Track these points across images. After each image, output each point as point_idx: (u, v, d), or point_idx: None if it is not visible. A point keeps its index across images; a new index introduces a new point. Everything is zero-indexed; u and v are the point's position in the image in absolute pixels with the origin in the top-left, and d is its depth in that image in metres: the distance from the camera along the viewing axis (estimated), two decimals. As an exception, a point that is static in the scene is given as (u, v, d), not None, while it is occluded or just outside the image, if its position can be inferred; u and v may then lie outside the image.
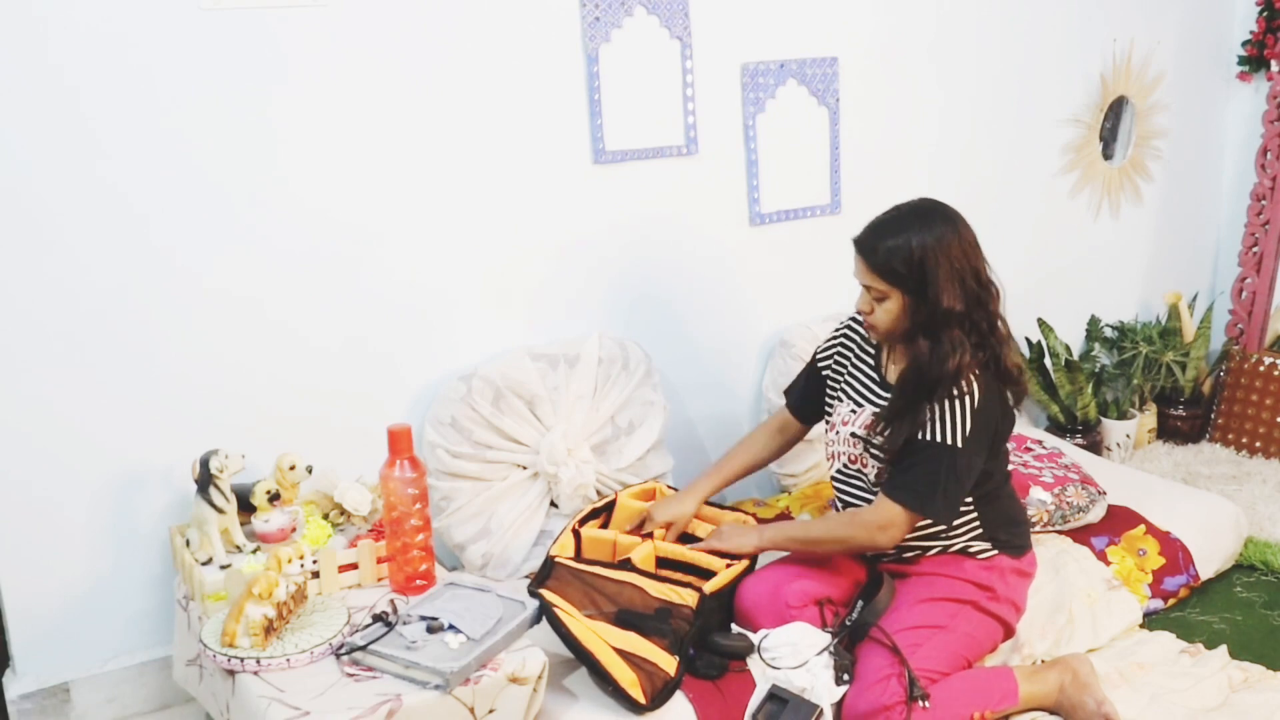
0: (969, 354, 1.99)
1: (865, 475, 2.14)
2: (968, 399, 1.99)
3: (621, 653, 1.92)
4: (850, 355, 2.25)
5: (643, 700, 1.87)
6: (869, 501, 2.14)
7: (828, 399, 2.26)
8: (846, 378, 2.23)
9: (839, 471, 2.22)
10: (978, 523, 2.11)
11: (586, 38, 2.48)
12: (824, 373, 2.29)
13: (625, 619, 2.00)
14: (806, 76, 2.80)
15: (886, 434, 2.05)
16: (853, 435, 2.15)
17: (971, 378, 1.99)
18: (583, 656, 1.90)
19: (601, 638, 1.93)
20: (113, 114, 2.06)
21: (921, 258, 1.97)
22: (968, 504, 2.10)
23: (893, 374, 2.14)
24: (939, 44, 3.02)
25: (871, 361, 2.20)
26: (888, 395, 2.11)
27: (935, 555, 2.12)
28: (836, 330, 2.30)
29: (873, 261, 2.01)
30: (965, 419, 1.98)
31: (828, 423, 2.25)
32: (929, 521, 2.08)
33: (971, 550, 2.11)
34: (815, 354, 2.33)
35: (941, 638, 2.02)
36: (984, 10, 3.08)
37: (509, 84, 2.42)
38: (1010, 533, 2.15)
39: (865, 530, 2.06)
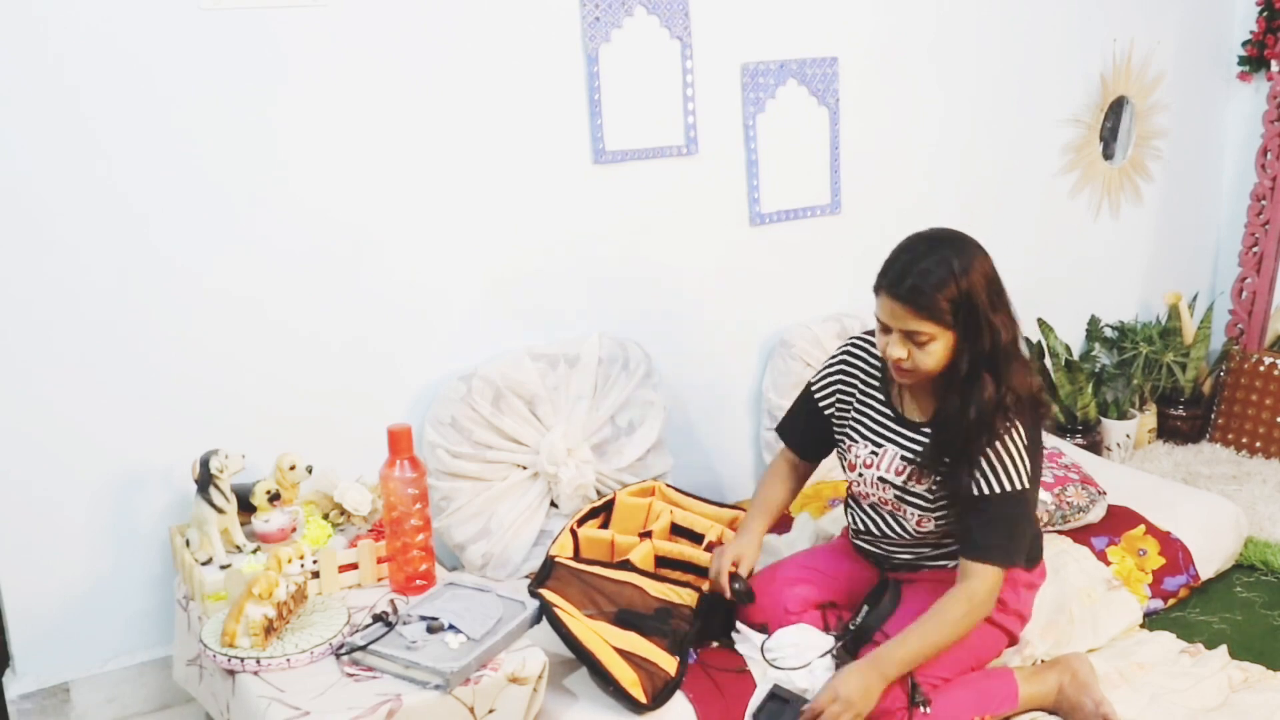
0: (1035, 375, 1.94)
1: (901, 519, 2.06)
2: (1018, 435, 1.90)
3: (622, 652, 1.92)
4: (855, 389, 2.12)
5: (644, 700, 1.87)
6: (897, 534, 2.07)
7: (838, 437, 2.15)
8: (856, 415, 2.12)
9: (870, 506, 2.11)
10: None
11: (586, 38, 2.48)
12: (825, 411, 2.16)
13: (625, 619, 2.00)
14: (806, 76, 2.80)
15: (938, 482, 1.96)
16: (881, 480, 2.05)
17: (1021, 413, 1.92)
18: (583, 656, 1.90)
19: (602, 638, 1.93)
20: (113, 114, 2.06)
21: (969, 293, 1.85)
22: None
23: (911, 409, 2.03)
24: (939, 44, 3.02)
25: (880, 396, 2.08)
26: (909, 433, 2.02)
27: (953, 569, 2.06)
28: (831, 362, 2.17)
29: (918, 306, 1.85)
30: (1023, 457, 1.91)
31: (845, 462, 2.13)
32: (940, 543, 2.06)
33: None
34: (811, 389, 2.19)
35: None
36: (984, 10, 3.08)
37: (509, 84, 2.42)
38: (1029, 545, 2.12)
39: (981, 610, 1.93)
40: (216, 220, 2.18)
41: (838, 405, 2.15)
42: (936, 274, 1.85)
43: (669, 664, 1.95)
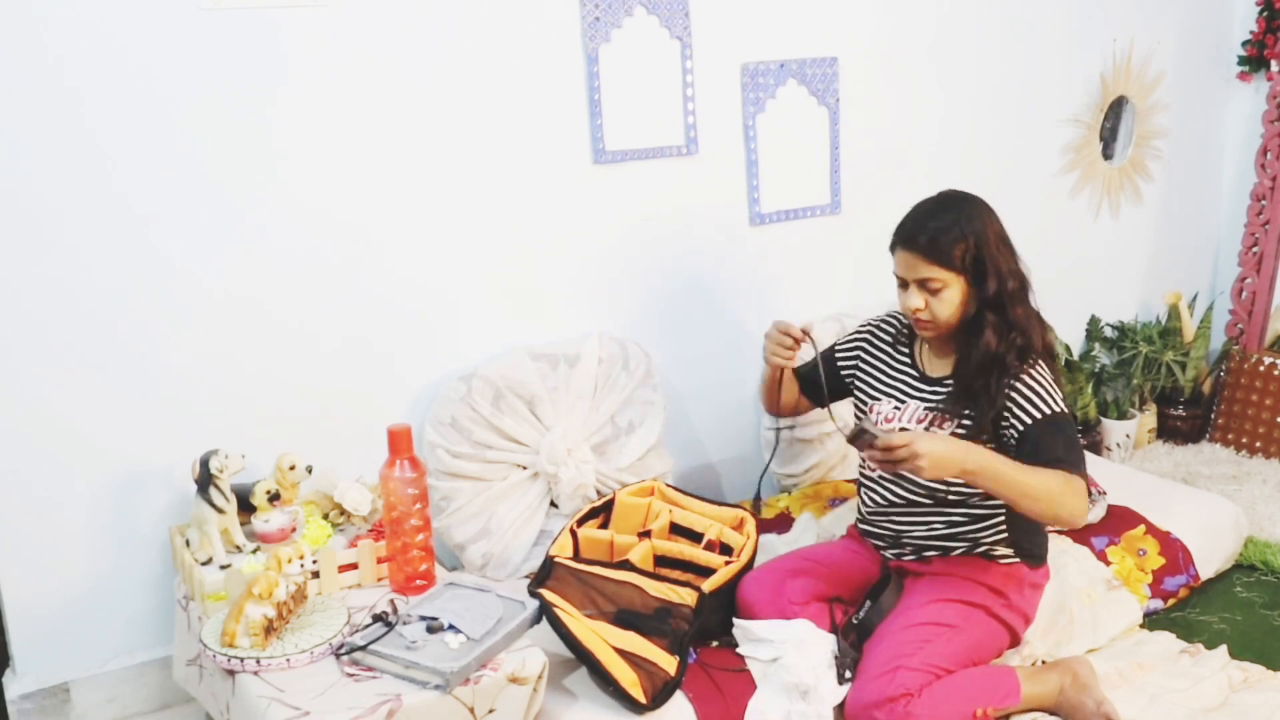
0: (1043, 322, 2.05)
1: (912, 478, 2.10)
2: (1041, 370, 2.02)
3: (621, 652, 1.92)
4: (882, 354, 2.25)
5: (643, 700, 1.87)
6: (912, 497, 2.13)
7: (859, 398, 2.27)
8: (879, 375, 2.23)
9: (882, 473, 2.16)
10: (1004, 526, 2.10)
11: (586, 38, 2.48)
12: (843, 370, 2.31)
13: (625, 619, 2.00)
14: (806, 76, 2.80)
15: (961, 425, 2.04)
16: (904, 430, 2.11)
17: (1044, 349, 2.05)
18: (583, 656, 1.90)
19: (602, 638, 1.93)
20: (113, 114, 2.06)
21: (977, 241, 2.01)
22: (997, 504, 2.08)
23: (934, 367, 2.15)
24: (939, 44, 3.02)
25: (906, 358, 2.21)
26: (933, 388, 2.12)
27: (958, 556, 2.12)
28: (859, 331, 2.32)
29: (932, 254, 2.01)
30: (1053, 387, 2.02)
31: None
32: (953, 518, 2.09)
33: (994, 554, 2.11)
34: (834, 348, 2.35)
35: (950, 636, 2.02)
36: (984, 10, 3.08)
37: (509, 84, 2.42)
38: (1033, 541, 2.14)
39: (1077, 494, 1.92)
40: (216, 220, 2.18)
41: (862, 365, 2.28)
42: (944, 223, 2.02)
43: (669, 664, 1.95)
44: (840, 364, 2.33)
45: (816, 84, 2.83)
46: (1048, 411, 1.99)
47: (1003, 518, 2.10)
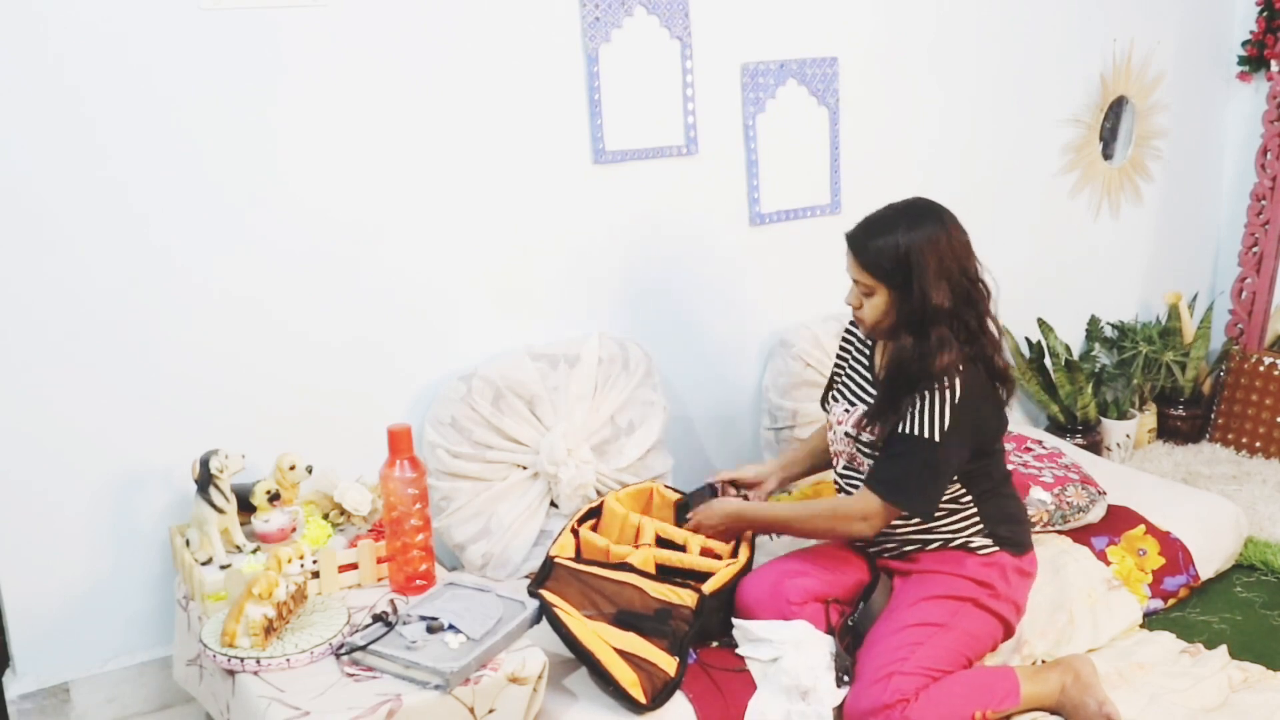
0: (955, 351, 2.01)
1: (862, 473, 2.15)
2: (948, 393, 2.00)
3: (621, 653, 1.92)
4: (850, 356, 2.30)
5: (643, 700, 1.87)
6: None
7: (833, 399, 2.30)
8: (845, 378, 2.28)
9: (842, 469, 2.24)
10: (978, 518, 2.12)
11: (586, 38, 2.48)
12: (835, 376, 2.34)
13: (625, 619, 2.00)
14: (806, 76, 2.80)
15: (873, 430, 2.08)
16: (846, 435, 2.18)
17: (954, 374, 2.01)
18: (583, 656, 1.90)
19: (601, 638, 1.93)
20: (113, 114, 2.06)
21: (908, 254, 2.00)
22: (966, 501, 2.10)
23: (883, 368, 2.17)
24: (939, 44, 3.02)
25: (866, 361, 2.24)
26: (875, 389, 2.16)
27: (935, 550, 2.13)
28: (848, 328, 2.33)
29: (862, 257, 2.05)
30: (944, 413, 2.00)
31: (829, 424, 2.27)
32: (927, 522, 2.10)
33: (972, 546, 2.12)
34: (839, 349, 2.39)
35: (942, 636, 2.02)
36: (984, 10, 3.09)
37: (509, 84, 2.42)
38: (1011, 529, 2.15)
39: (845, 520, 2.10)
40: (217, 220, 2.18)
41: (839, 363, 2.33)
42: (882, 231, 2.03)
43: (669, 664, 1.95)
44: (834, 371, 2.36)
45: (816, 84, 2.83)
46: (916, 434, 2.00)
47: (975, 511, 2.11)
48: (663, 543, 2.26)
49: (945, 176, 3.11)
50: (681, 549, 2.23)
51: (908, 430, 2.02)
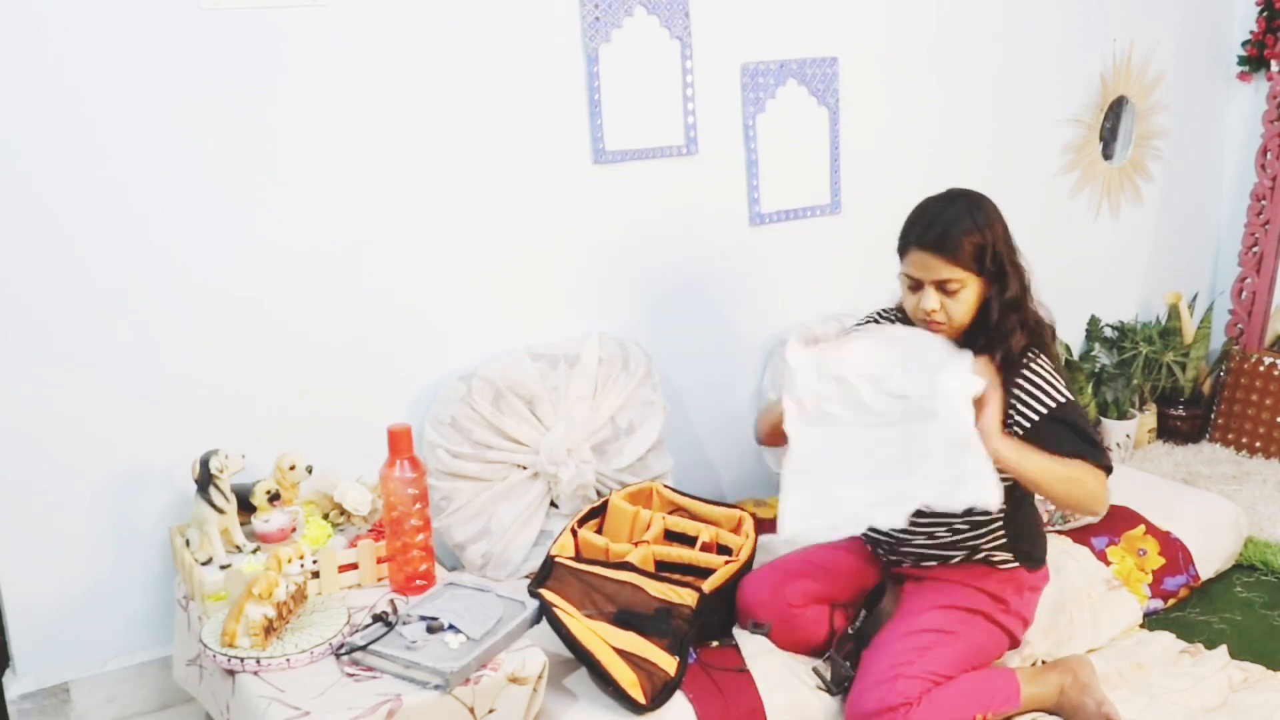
0: (1040, 322, 2.02)
1: None
2: (1045, 361, 1.98)
3: (621, 653, 1.92)
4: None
5: (643, 700, 1.87)
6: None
7: None
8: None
9: None
10: (1002, 532, 2.07)
11: (586, 38, 2.48)
12: None
13: (625, 619, 2.00)
14: (806, 76, 2.80)
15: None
16: None
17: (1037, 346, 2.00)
18: (583, 657, 1.90)
19: (601, 638, 1.93)
20: (113, 114, 2.06)
21: (993, 240, 1.97)
22: (997, 512, 2.03)
23: None
24: (939, 44, 3.02)
25: None
26: None
27: (956, 564, 2.10)
28: (860, 323, 2.22)
29: (950, 253, 1.94)
30: (1058, 376, 1.98)
31: None
32: (956, 526, 2.05)
33: (994, 560, 2.09)
34: None
35: (950, 643, 2.01)
36: (984, 10, 3.08)
37: (509, 84, 2.42)
38: (1031, 544, 2.12)
39: (1097, 499, 1.93)
40: (217, 220, 2.18)
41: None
42: (962, 222, 1.96)
43: (669, 664, 1.95)
44: None
45: (816, 84, 2.83)
46: (1055, 403, 1.94)
47: (1001, 524, 2.07)
48: (672, 536, 2.27)
49: (945, 176, 3.07)
50: (693, 541, 2.23)
51: (1051, 404, 1.93)
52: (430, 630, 1.81)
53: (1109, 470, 1.96)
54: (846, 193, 2.93)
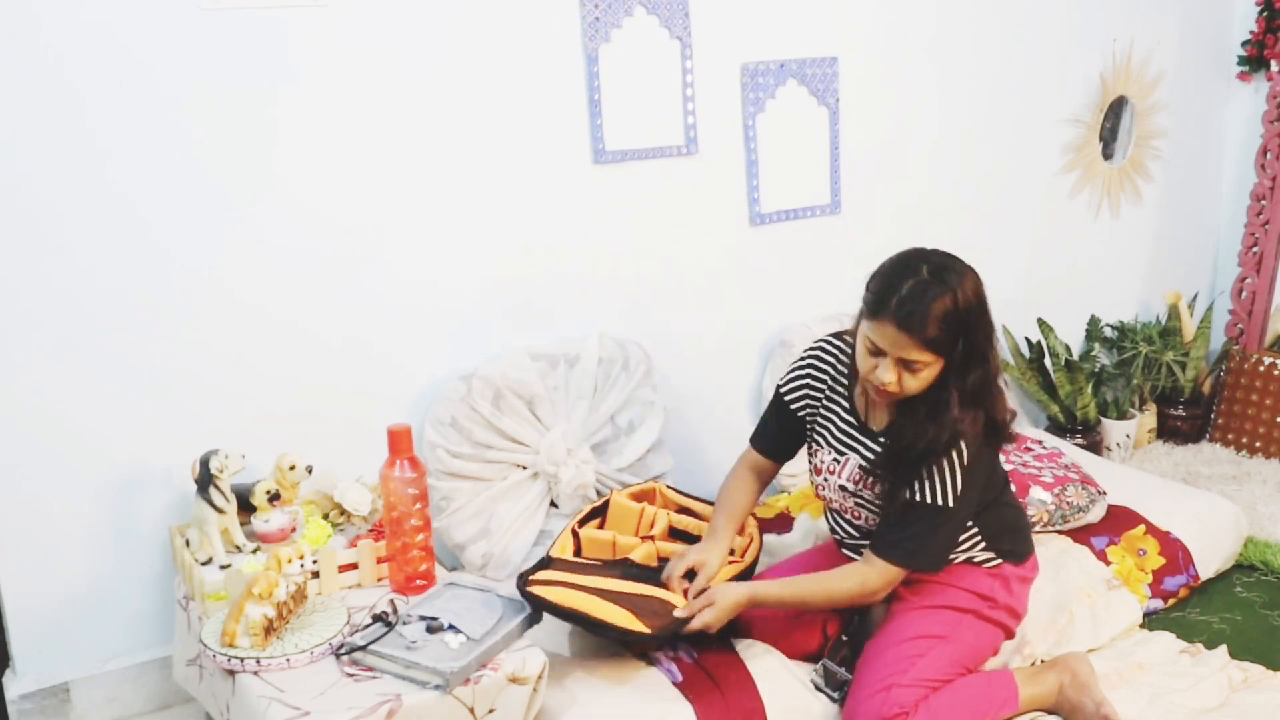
0: (980, 419, 1.92)
1: (859, 524, 2.09)
2: (958, 459, 1.92)
3: (613, 594, 1.93)
4: (822, 395, 2.12)
5: (646, 630, 1.88)
6: (864, 538, 2.08)
7: (810, 438, 2.16)
8: (821, 421, 2.12)
9: (834, 510, 2.16)
10: (979, 535, 2.07)
11: (586, 38, 2.48)
12: (798, 412, 2.15)
13: (629, 574, 2.02)
14: (806, 76, 2.80)
15: (881, 489, 1.98)
16: (841, 488, 2.07)
17: (969, 440, 1.93)
18: (572, 618, 1.90)
19: (589, 590, 1.94)
20: (113, 114, 2.06)
21: (972, 326, 1.86)
22: (969, 523, 2.05)
23: (873, 418, 2.04)
24: (939, 44, 3.02)
25: (846, 404, 2.08)
26: (869, 441, 2.02)
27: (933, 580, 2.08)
28: (799, 363, 2.16)
29: (925, 339, 1.83)
30: (957, 479, 1.92)
31: (812, 465, 2.15)
32: None
33: (976, 560, 2.08)
34: (779, 392, 2.17)
35: (942, 647, 2.00)
36: (984, 10, 3.09)
37: (509, 84, 2.43)
38: (1013, 540, 2.11)
39: (859, 591, 1.98)
40: (217, 220, 2.18)
41: (807, 405, 2.15)
42: (943, 307, 1.83)
43: (678, 601, 1.96)
44: (793, 407, 2.16)
45: (816, 84, 2.83)
46: (932, 502, 1.92)
47: (977, 530, 2.06)
48: (676, 535, 2.27)
49: (945, 176, 3.11)
50: (696, 540, 2.23)
51: (920, 499, 1.93)
52: (430, 630, 1.81)
53: (923, 571, 2.01)
54: (846, 193, 2.93)
